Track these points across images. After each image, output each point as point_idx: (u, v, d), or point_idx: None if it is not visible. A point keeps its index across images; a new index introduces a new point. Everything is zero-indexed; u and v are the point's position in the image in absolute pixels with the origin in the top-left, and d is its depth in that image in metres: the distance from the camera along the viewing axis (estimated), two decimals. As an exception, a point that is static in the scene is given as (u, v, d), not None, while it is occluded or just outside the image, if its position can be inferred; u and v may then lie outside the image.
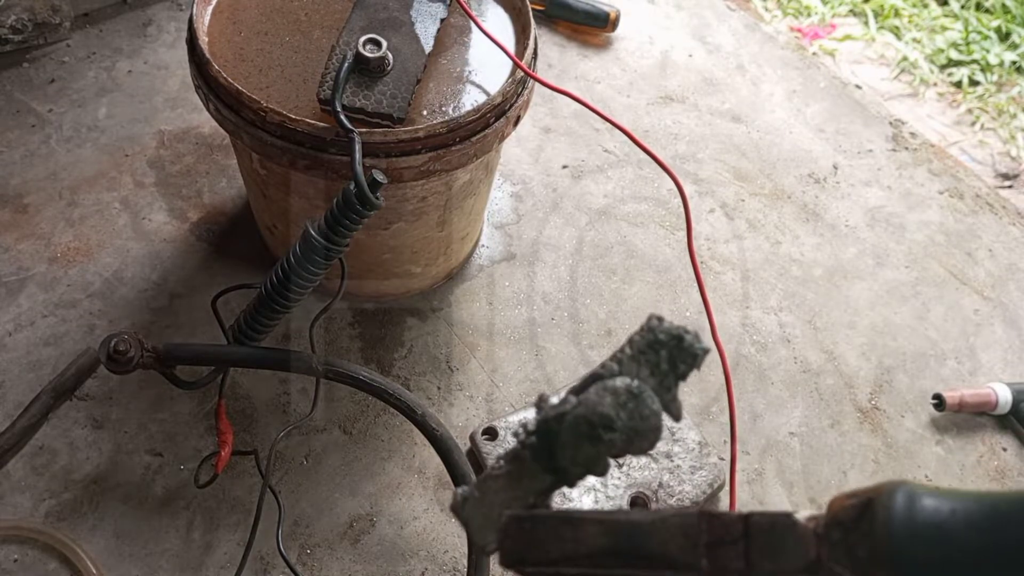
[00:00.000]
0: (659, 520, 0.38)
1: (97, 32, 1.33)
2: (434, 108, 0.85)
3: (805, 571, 0.35)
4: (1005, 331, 1.16)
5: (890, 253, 1.23)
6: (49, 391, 0.75)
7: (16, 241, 1.06)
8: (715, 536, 0.37)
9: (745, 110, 1.41)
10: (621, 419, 0.40)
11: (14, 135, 1.17)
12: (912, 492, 0.34)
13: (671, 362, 0.42)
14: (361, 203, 0.72)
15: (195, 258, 1.07)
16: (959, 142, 1.51)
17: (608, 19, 1.45)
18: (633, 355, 0.42)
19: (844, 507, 0.35)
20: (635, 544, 0.38)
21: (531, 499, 0.42)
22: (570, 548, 0.39)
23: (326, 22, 0.91)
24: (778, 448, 1.00)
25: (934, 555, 0.32)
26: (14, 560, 0.82)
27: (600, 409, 0.40)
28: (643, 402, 0.40)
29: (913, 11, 1.75)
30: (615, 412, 0.40)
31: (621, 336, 1.07)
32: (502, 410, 0.98)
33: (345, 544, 0.87)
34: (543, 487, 0.42)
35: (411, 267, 1.01)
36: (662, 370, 0.42)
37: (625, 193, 1.25)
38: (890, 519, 0.33)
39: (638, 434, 0.40)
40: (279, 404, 0.96)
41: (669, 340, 0.42)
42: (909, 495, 0.33)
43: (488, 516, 0.42)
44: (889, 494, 0.34)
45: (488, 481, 0.43)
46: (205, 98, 0.83)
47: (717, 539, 0.37)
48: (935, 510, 0.33)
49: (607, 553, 0.38)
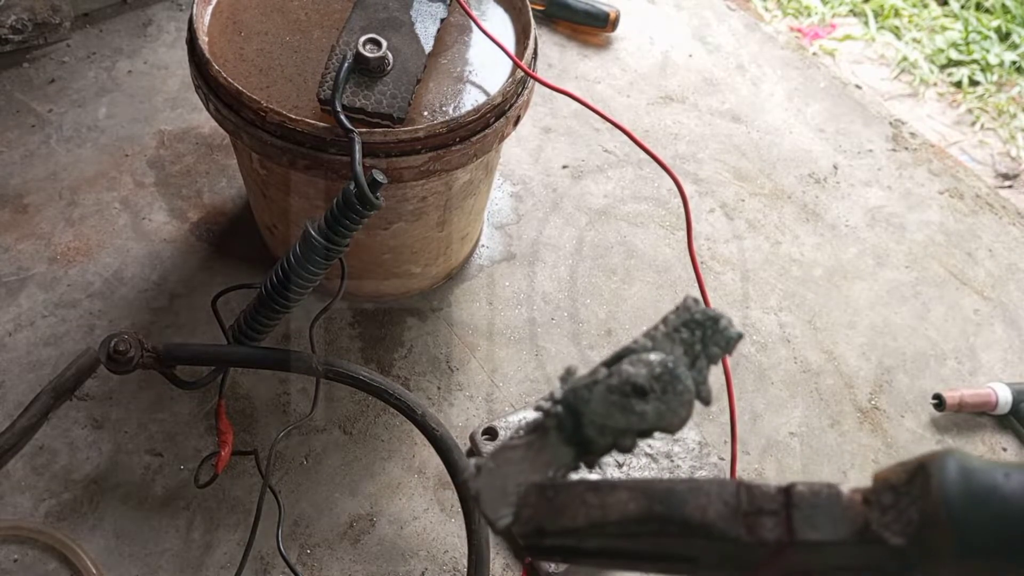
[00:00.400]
0: (696, 487, 0.36)
1: (97, 32, 1.33)
2: (434, 108, 0.85)
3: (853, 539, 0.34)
4: (1005, 331, 1.16)
5: (890, 253, 1.23)
6: (49, 391, 0.75)
7: (16, 241, 1.06)
8: (754, 506, 0.35)
9: (745, 110, 1.41)
10: (655, 391, 0.39)
11: (14, 135, 1.17)
12: (964, 457, 0.34)
13: (704, 344, 0.41)
14: (361, 203, 0.72)
15: (195, 258, 1.07)
16: (959, 142, 1.51)
17: (608, 19, 1.45)
18: (668, 333, 0.41)
19: (895, 471, 0.35)
20: (670, 510, 0.36)
21: (550, 473, 0.40)
22: (597, 515, 0.37)
23: (326, 22, 0.91)
24: (778, 448, 1.00)
25: (989, 514, 0.32)
26: (14, 560, 0.82)
27: (634, 379, 0.39)
28: (677, 377, 0.39)
29: (913, 11, 1.75)
30: (649, 383, 0.39)
31: (621, 336, 1.07)
32: (502, 410, 0.98)
33: (345, 544, 0.87)
34: (565, 461, 0.40)
35: (411, 267, 1.01)
36: (695, 351, 0.41)
37: (625, 193, 1.25)
38: (944, 480, 0.33)
39: (670, 409, 0.39)
40: (279, 404, 0.96)
41: (705, 321, 0.41)
42: (961, 460, 0.33)
43: (503, 488, 0.39)
44: (942, 458, 0.33)
45: (505, 451, 0.40)
46: (205, 98, 0.83)
47: (756, 509, 0.35)
48: (988, 473, 0.33)
49: (639, 520, 0.36)
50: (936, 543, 0.33)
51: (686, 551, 0.36)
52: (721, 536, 0.35)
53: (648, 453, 0.93)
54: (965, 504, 0.32)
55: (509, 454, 0.40)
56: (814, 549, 0.34)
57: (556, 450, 0.40)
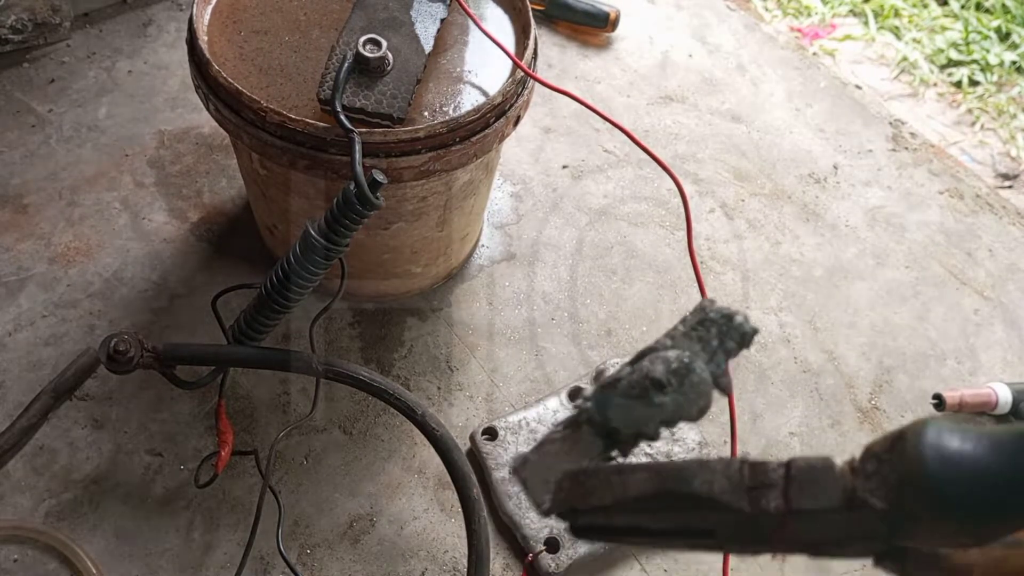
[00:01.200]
0: (703, 465, 0.40)
1: (97, 32, 1.33)
2: (434, 108, 0.85)
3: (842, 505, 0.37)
4: (1005, 331, 1.16)
5: (890, 253, 1.23)
6: (49, 391, 0.75)
7: (16, 241, 1.06)
8: (756, 480, 0.39)
9: (745, 110, 1.41)
10: (672, 383, 0.43)
11: (14, 135, 1.17)
12: (941, 423, 0.36)
13: (721, 339, 0.45)
14: (361, 203, 0.71)
15: (195, 258, 1.07)
16: (959, 142, 1.51)
17: (608, 19, 1.45)
18: (685, 332, 0.45)
19: (879, 441, 0.37)
20: (679, 486, 0.40)
21: (585, 463, 0.45)
22: (619, 493, 0.41)
23: (326, 22, 0.91)
24: (778, 448, 1.00)
25: (963, 474, 0.34)
26: (14, 560, 0.82)
27: (652, 374, 0.43)
28: (693, 370, 0.43)
29: (913, 11, 1.75)
30: (666, 377, 0.43)
31: (621, 336, 1.07)
32: (502, 410, 0.98)
33: (345, 544, 0.87)
34: (597, 451, 0.45)
35: (411, 267, 1.01)
36: (712, 347, 0.45)
37: (625, 193, 1.25)
38: (920, 443, 0.35)
39: (688, 399, 0.43)
40: (279, 404, 0.96)
41: (719, 319, 0.45)
42: (938, 426, 0.36)
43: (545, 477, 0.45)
44: (920, 424, 0.36)
45: (546, 445, 0.46)
46: (205, 98, 0.83)
47: (759, 483, 0.39)
48: (963, 436, 0.35)
49: (653, 496, 0.40)
50: (913, 504, 0.35)
51: (702, 524, 0.40)
52: (726, 508, 0.38)
53: (648, 453, 0.93)
54: (939, 465, 0.34)
55: (549, 447, 0.45)
56: (811, 518, 0.37)
57: (589, 442, 0.44)
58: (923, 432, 0.35)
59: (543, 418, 0.94)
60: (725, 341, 0.45)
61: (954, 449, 0.35)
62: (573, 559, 0.85)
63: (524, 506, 0.88)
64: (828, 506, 0.37)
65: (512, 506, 0.88)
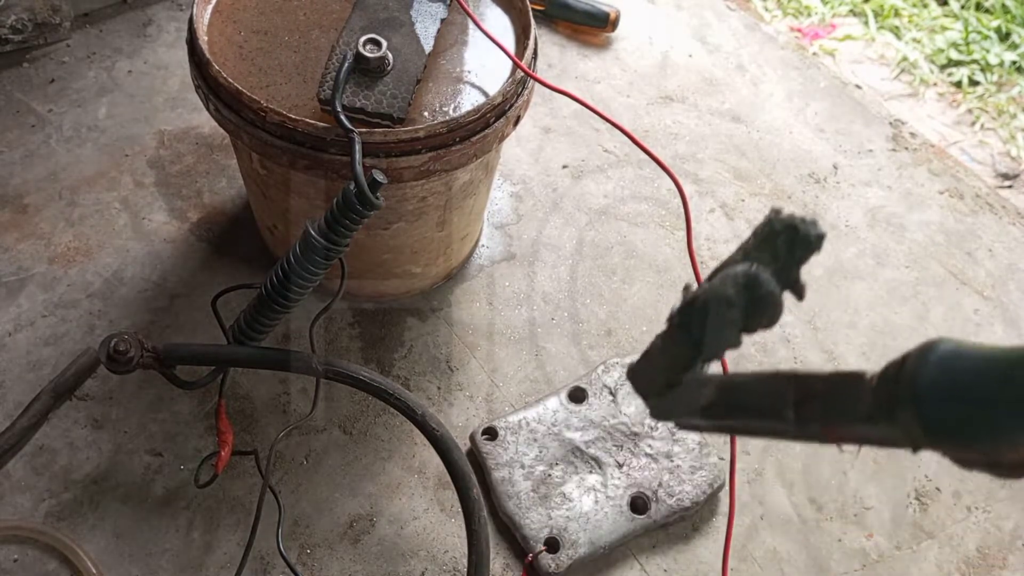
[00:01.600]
0: (757, 379, 0.46)
1: (97, 32, 1.33)
2: (434, 108, 0.85)
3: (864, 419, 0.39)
4: (1005, 331, 1.16)
5: (890, 253, 1.23)
6: (49, 391, 0.76)
7: (16, 241, 1.06)
8: (800, 394, 0.42)
9: (745, 110, 1.41)
10: (740, 298, 0.45)
11: (14, 135, 1.17)
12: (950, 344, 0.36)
13: (789, 249, 0.46)
14: (361, 203, 0.72)
15: (195, 258, 1.07)
16: (959, 142, 1.51)
17: (608, 19, 1.45)
18: (756, 244, 0.47)
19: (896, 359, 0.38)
20: (737, 397, 0.47)
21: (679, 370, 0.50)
22: (695, 401, 0.49)
23: (326, 22, 0.91)
24: (778, 448, 1.00)
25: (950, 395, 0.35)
26: (14, 560, 0.82)
27: (721, 291, 0.46)
28: (759, 282, 0.45)
29: (913, 11, 1.75)
30: (734, 292, 0.45)
31: (621, 336, 1.07)
32: (502, 410, 0.98)
33: (345, 544, 0.87)
34: (688, 359, 0.50)
35: (411, 267, 1.01)
36: (781, 256, 0.46)
37: (625, 193, 1.25)
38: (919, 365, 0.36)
39: (757, 309, 0.45)
40: (279, 404, 0.96)
41: (784, 229, 0.46)
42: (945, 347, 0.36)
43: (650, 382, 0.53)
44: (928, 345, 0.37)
45: (648, 355, 0.53)
46: (205, 98, 0.83)
47: (802, 396, 0.42)
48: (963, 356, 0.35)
49: (717, 405, 0.48)
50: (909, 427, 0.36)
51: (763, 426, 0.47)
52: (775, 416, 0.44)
53: (648, 453, 0.93)
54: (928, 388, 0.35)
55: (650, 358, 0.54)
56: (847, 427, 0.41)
57: (680, 350, 0.50)
58: (926, 353, 0.36)
59: (543, 418, 0.94)
60: (794, 250, 0.46)
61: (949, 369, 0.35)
62: (573, 559, 0.85)
63: (524, 506, 0.88)
64: (854, 418, 0.40)
65: (512, 506, 0.88)
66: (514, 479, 0.89)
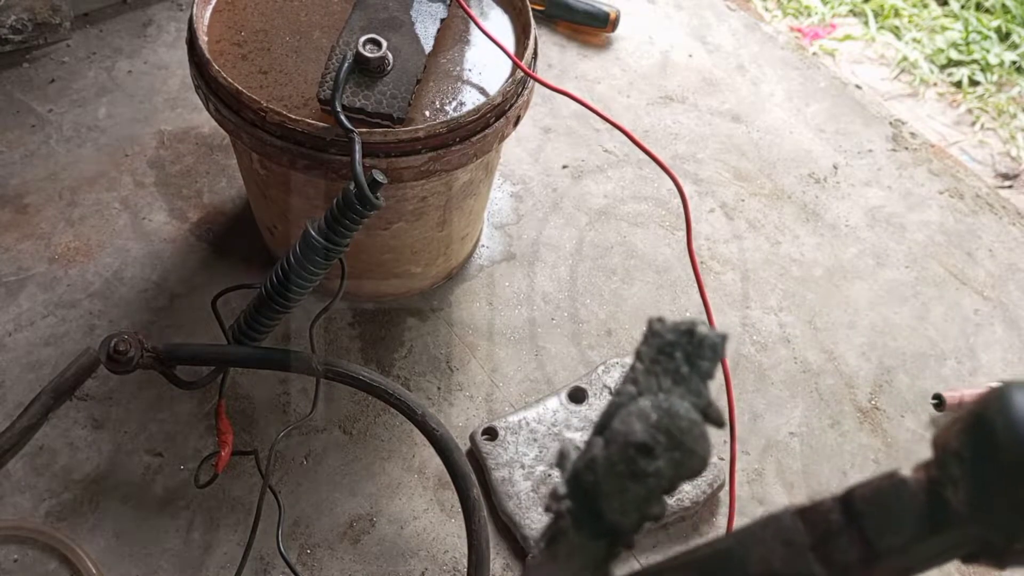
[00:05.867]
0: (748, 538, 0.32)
1: (97, 32, 1.33)
2: (434, 108, 0.85)
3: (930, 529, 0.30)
4: (1005, 331, 1.16)
5: (890, 253, 1.23)
6: (49, 391, 0.75)
7: (16, 241, 1.06)
8: (817, 533, 0.31)
9: (745, 110, 1.41)
10: (660, 442, 0.33)
11: (14, 135, 1.17)
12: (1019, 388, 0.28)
13: (690, 362, 0.35)
14: (361, 203, 0.72)
15: (195, 258, 1.07)
16: (959, 142, 1.51)
17: (608, 19, 1.45)
18: (647, 368, 0.36)
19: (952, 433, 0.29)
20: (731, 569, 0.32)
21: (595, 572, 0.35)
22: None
23: (326, 22, 0.91)
24: (778, 448, 1.00)
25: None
26: (14, 560, 0.82)
27: (633, 438, 0.33)
28: (677, 414, 0.34)
29: (913, 11, 1.75)
30: (651, 436, 0.33)
31: (621, 336, 1.07)
32: (502, 410, 0.98)
33: (345, 544, 0.87)
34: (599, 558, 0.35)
35: (411, 267, 1.01)
36: (683, 374, 0.35)
37: (625, 193, 1.25)
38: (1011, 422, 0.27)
39: (685, 453, 0.33)
40: (279, 404, 0.96)
41: (680, 338, 0.35)
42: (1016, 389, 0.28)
43: None
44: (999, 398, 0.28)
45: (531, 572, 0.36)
46: (205, 98, 0.83)
47: (821, 535, 0.31)
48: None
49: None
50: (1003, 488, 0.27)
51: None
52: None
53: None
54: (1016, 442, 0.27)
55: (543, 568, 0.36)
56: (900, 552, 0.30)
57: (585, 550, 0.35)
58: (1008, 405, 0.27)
59: (543, 418, 0.94)
60: (696, 362, 0.35)
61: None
62: (573, 559, 0.85)
63: (524, 506, 0.88)
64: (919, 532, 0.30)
65: (512, 506, 0.88)
66: (514, 479, 0.89)
